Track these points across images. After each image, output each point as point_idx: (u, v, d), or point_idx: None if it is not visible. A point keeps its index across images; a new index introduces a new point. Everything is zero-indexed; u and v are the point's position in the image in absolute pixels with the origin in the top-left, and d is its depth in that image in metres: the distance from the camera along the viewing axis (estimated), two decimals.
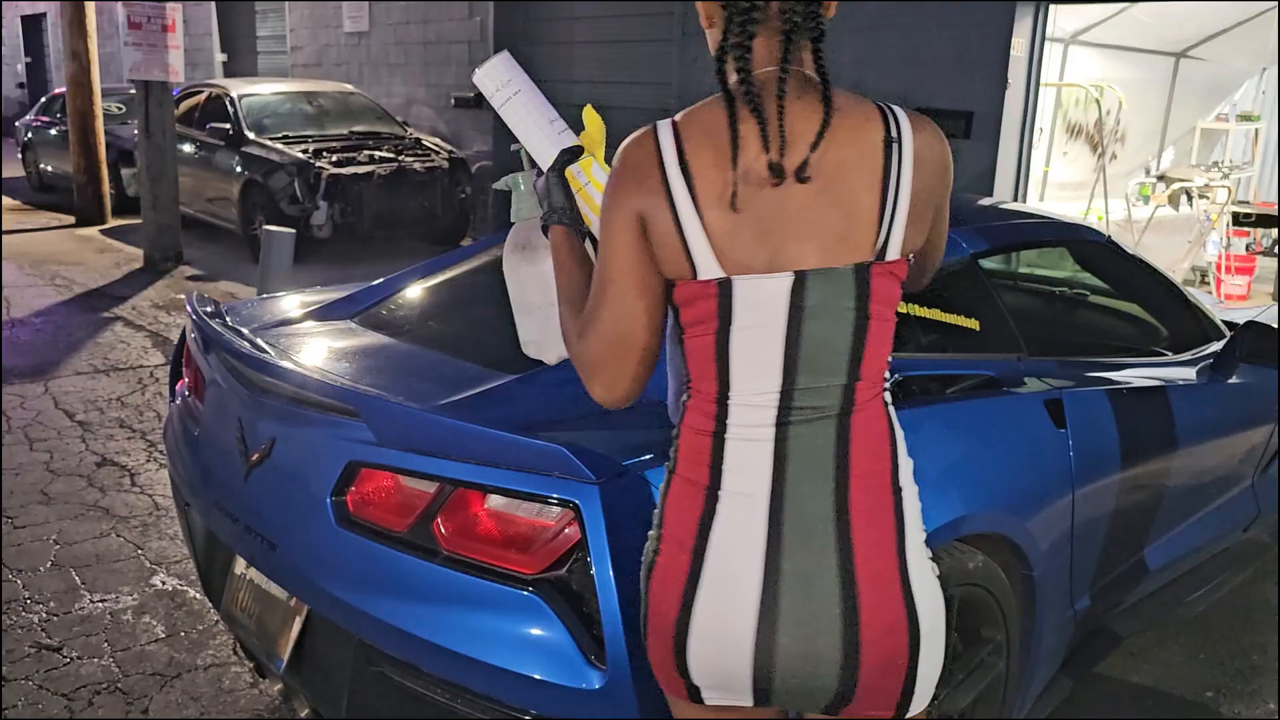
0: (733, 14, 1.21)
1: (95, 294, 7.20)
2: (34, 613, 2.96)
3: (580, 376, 1.28)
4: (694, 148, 1.19)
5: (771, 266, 1.18)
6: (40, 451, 4.20)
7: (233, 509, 2.05)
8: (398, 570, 1.72)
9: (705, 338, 1.23)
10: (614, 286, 1.22)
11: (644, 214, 1.20)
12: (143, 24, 7.92)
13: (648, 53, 7.93)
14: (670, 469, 1.29)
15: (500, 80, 1.44)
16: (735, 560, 1.21)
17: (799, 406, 1.21)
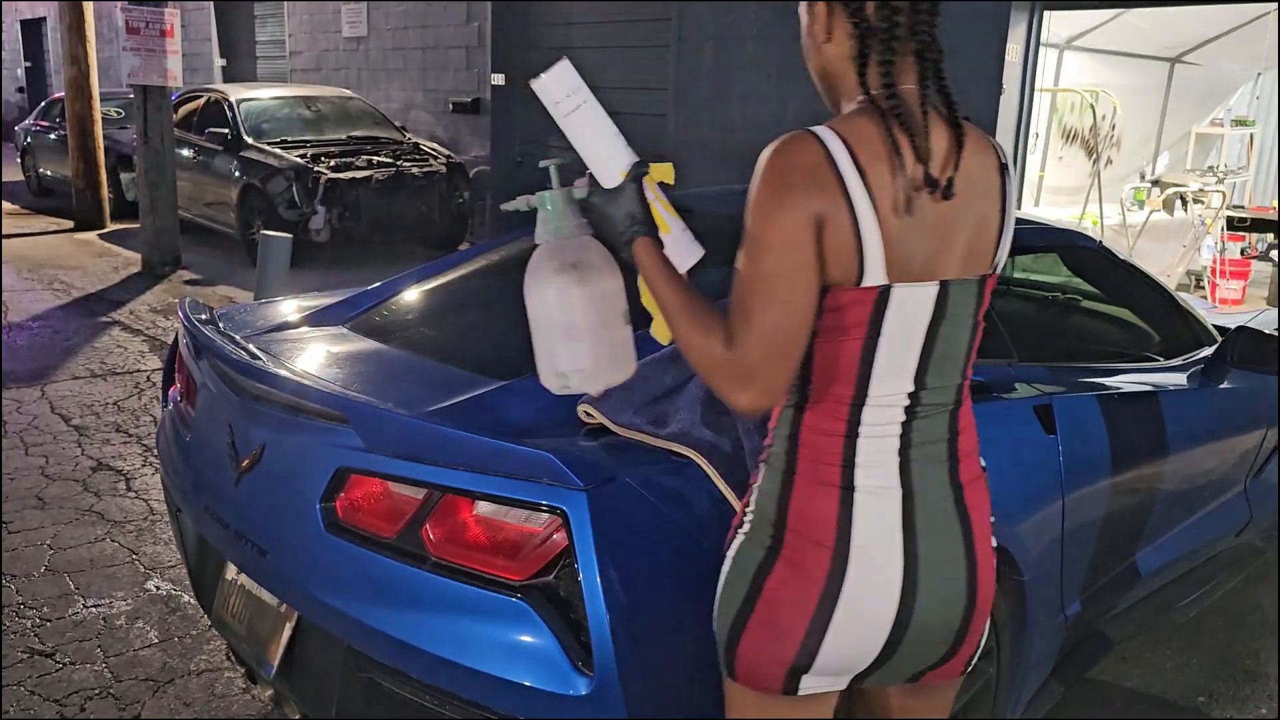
0: (873, 33, 1.26)
1: (93, 298, 7.21)
2: (27, 618, 2.96)
3: (719, 386, 1.23)
4: (866, 155, 1.22)
5: (923, 275, 1.25)
6: (36, 456, 4.21)
7: (223, 515, 2.06)
8: (386, 576, 1.73)
9: (850, 343, 1.26)
10: (784, 287, 1.20)
11: (822, 216, 1.20)
12: (141, 29, 7.94)
13: (644, 58, 7.94)
14: (784, 471, 1.32)
15: (568, 88, 1.35)
16: (878, 551, 1.29)
17: (925, 404, 1.31)
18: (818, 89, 1.43)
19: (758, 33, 6.94)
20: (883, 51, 1.26)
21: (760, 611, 1.32)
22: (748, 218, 1.24)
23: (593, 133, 1.37)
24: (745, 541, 1.35)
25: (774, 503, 1.33)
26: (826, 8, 1.32)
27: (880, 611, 1.30)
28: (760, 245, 1.21)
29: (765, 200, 1.22)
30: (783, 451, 1.33)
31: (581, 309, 1.39)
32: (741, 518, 1.39)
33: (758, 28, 6.94)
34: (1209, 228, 7.59)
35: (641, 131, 8.00)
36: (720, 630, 1.38)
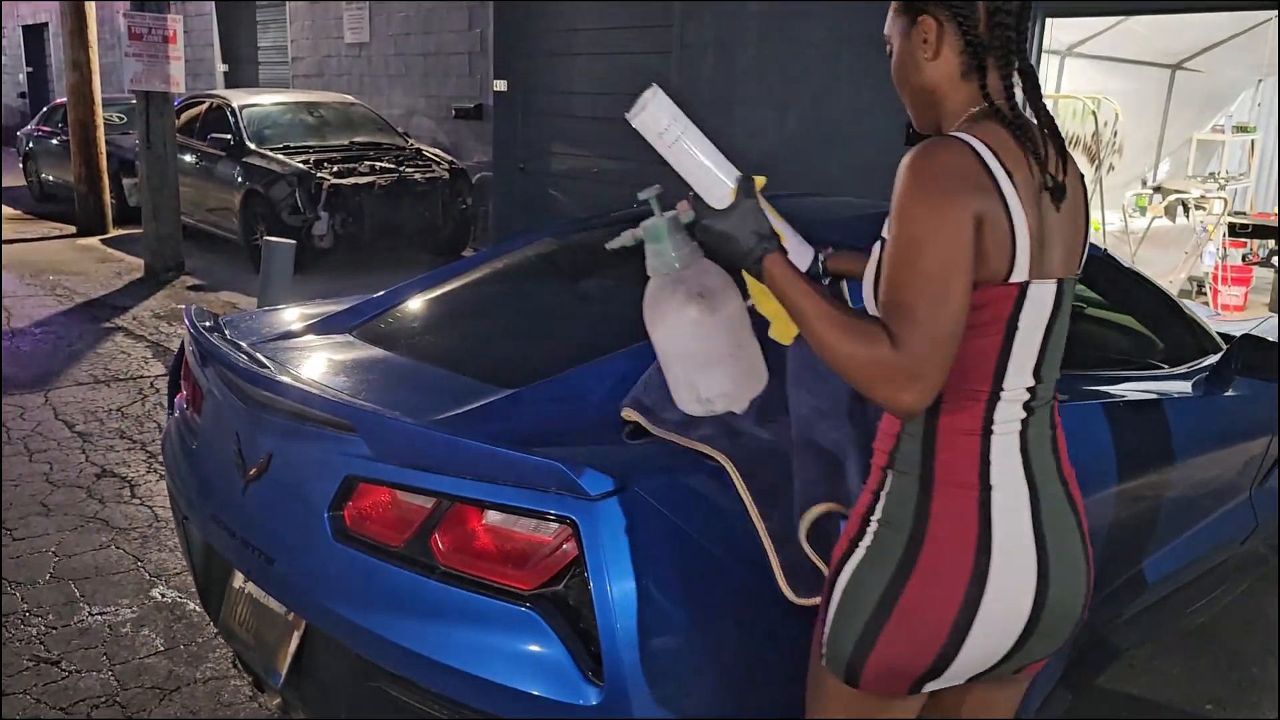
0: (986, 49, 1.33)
1: (96, 304, 7.22)
2: (32, 626, 2.96)
3: (880, 389, 1.22)
4: (1007, 158, 1.28)
5: (1048, 274, 1.32)
6: (40, 463, 4.21)
7: (230, 523, 2.06)
8: (395, 585, 1.73)
9: (990, 339, 1.30)
10: (948, 286, 1.22)
11: (982, 215, 1.24)
12: (144, 35, 7.95)
13: (647, 64, 7.95)
14: (921, 476, 1.33)
15: (669, 116, 1.33)
16: (1017, 549, 1.32)
17: (1039, 398, 1.36)
18: (908, 104, 1.45)
19: (759, 39, 6.95)
20: (1003, 66, 1.34)
21: (897, 622, 1.33)
22: (902, 221, 1.24)
23: (699, 156, 1.34)
24: (871, 551, 1.35)
25: (910, 509, 1.33)
26: (937, 26, 1.36)
27: (1018, 609, 1.33)
28: (923, 245, 1.22)
29: (925, 201, 1.24)
30: (915, 454, 1.34)
31: (716, 335, 1.41)
32: (859, 524, 1.39)
33: (759, 34, 6.96)
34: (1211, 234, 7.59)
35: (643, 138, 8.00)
36: (842, 641, 1.37)
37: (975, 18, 1.33)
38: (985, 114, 1.34)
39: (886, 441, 1.39)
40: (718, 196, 1.35)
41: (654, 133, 1.34)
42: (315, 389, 1.99)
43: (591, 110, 8.60)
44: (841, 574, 1.39)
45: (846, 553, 1.40)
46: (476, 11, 9.29)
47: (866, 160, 6.33)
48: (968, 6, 1.34)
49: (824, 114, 6.60)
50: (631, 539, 1.58)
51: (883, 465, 1.39)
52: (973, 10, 1.34)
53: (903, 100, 1.46)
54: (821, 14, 6.52)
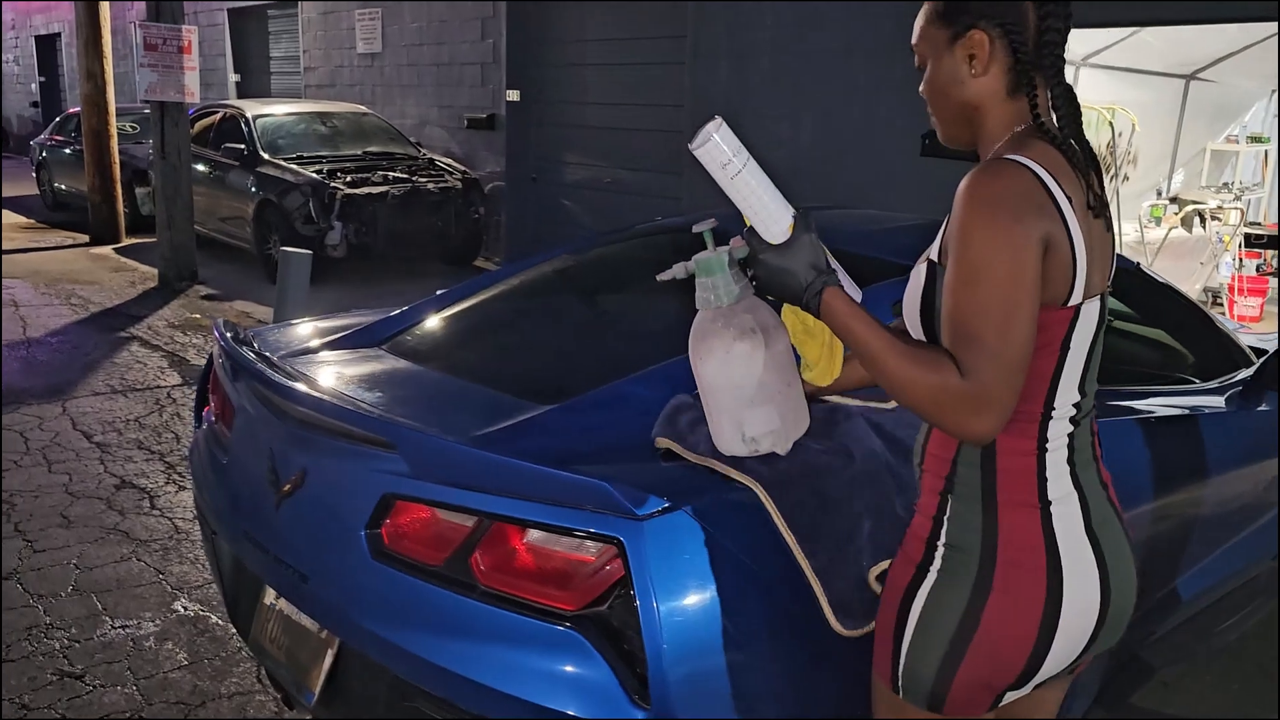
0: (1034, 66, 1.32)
1: (111, 313, 7.22)
2: (55, 639, 2.95)
3: (951, 418, 1.21)
4: (1064, 181, 1.28)
5: (1095, 292, 1.32)
6: (59, 473, 4.20)
7: (263, 539, 2.04)
8: (434, 605, 1.71)
9: (1044, 360, 1.30)
10: (1019, 311, 1.20)
11: (1048, 240, 1.24)
12: (159, 45, 7.97)
13: (659, 75, 7.95)
14: (983, 499, 1.34)
15: (733, 149, 1.30)
16: (1080, 560, 1.34)
17: (1083, 412, 1.38)
18: (940, 119, 1.42)
19: (774, 49, 6.95)
20: (1053, 86, 1.33)
21: (979, 644, 1.34)
22: (966, 246, 1.22)
23: (759, 192, 1.32)
24: (943, 576, 1.35)
25: (976, 533, 1.34)
26: (989, 42, 1.33)
27: (1090, 616, 1.36)
28: (990, 271, 1.21)
29: (989, 226, 1.22)
30: (975, 479, 1.35)
31: (767, 372, 1.40)
32: (924, 550, 1.38)
33: (774, 44, 6.95)
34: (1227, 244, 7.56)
35: (659, 148, 8.01)
36: (923, 668, 1.37)
37: (1026, 34, 1.32)
38: (1030, 134, 1.32)
39: (941, 466, 1.38)
40: (776, 231, 1.33)
41: (717, 164, 1.31)
42: (351, 405, 1.97)
43: (604, 120, 8.60)
44: (915, 600, 1.38)
45: (915, 579, 1.38)
46: (489, 22, 9.30)
47: (882, 171, 6.31)
48: (1019, 23, 1.32)
49: (839, 124, 6.59)
50: (678, 559, 1.56)
51: (940, 490, 1.38)
52: (1024, 26, 1.32)
53: (933, 114, 1.43)
54: (837, 24, 6.51)
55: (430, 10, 9.98)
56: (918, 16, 1.42)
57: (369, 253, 8.24)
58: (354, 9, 11.10)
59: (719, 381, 1.42)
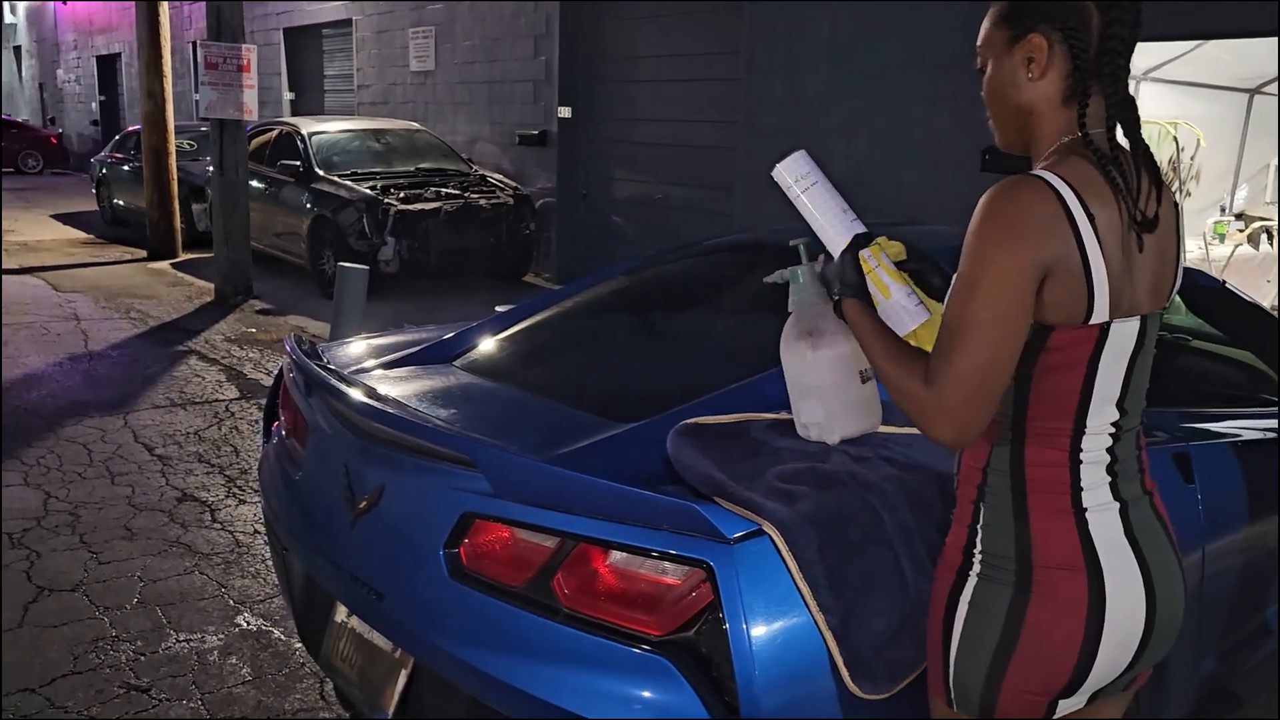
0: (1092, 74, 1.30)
1: (169, 327, 7.33)
2: (122, 651, 2.96)
3: (917, 422, 1.29)
4: (1091, 199, 1.26)
5: (1131, 311, 1.31)
6: (122, 486, 4.24)
7: (337, 557, 2.02)
8: (514, 627, 1.67)
9: (1071, 379, 1.31)
10: (990, 331, 1.23)
11: (1051, 263, 1.24)
12: (219, 64, 8.11)
13: (713, 91, 7.93)
14: (1014, 506, 1.34)
15: (800, 173, 1.52)
16: (1122, 564, 1.33)
17: (1124, 429, 1.37)
18: (996, 123, 1.42)
19: (829, 67, 6.89)
20: (1110, 95, 1.30)
21: (1024, 650, 1.33)
22: (965, 259, 1.26)
23: (823, 211, 1.50)
24: (983, 583, 1.36)
25: (1010, 539, 1.35)
26: (1048, 46, 1.32)
27: (1135, 621, 1.34)
28: (976, 288, 1.24)
29: (988, 244, 1.24)
30: (1005, 487, 1.35)
31: (816, 370, 1.59)
32: (962, 558, 1.39)
33: (828, 61, 6.90)
34: None
35: (711, 164, 7.98)
36: (970, 675, 1.38)
37: (1088, 40, 1.30)
38: (1076, 145, 1.30)
39: (974, 475, 1.40)
40: (834, 249, 1.51)
41: (787, 182, 1.53)
42: (430, 422, 1.95)
43: (656, 137, 8.60)
44: (958, 609, 1.38)
45: (956, 588, 1.39)
46: (542, 40, 9.35)
47: (942, 186, 6.22)
48: (1081, 28, 1.30)
49: (898, 139, 6.51)
50: (770, 584, 1.51)
51: (972, 499, 1.40)
52: (1086, 32, 1.30)
53: (990, 118, 1.44)
54: (896, 37, 6.45)
55: (484, 28, 10.07)
56: (984, 19, 1.42)
57: (421, 268, 8.29)
58: (408, 27, 11.24)
59: (787, 371, 1.65)
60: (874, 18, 6.55)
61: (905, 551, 1.60)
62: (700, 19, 8.05)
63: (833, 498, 1.60)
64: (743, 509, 1.58)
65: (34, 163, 20.77)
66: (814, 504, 1.58)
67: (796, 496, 1.60)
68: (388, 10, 11.59)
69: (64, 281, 8.99)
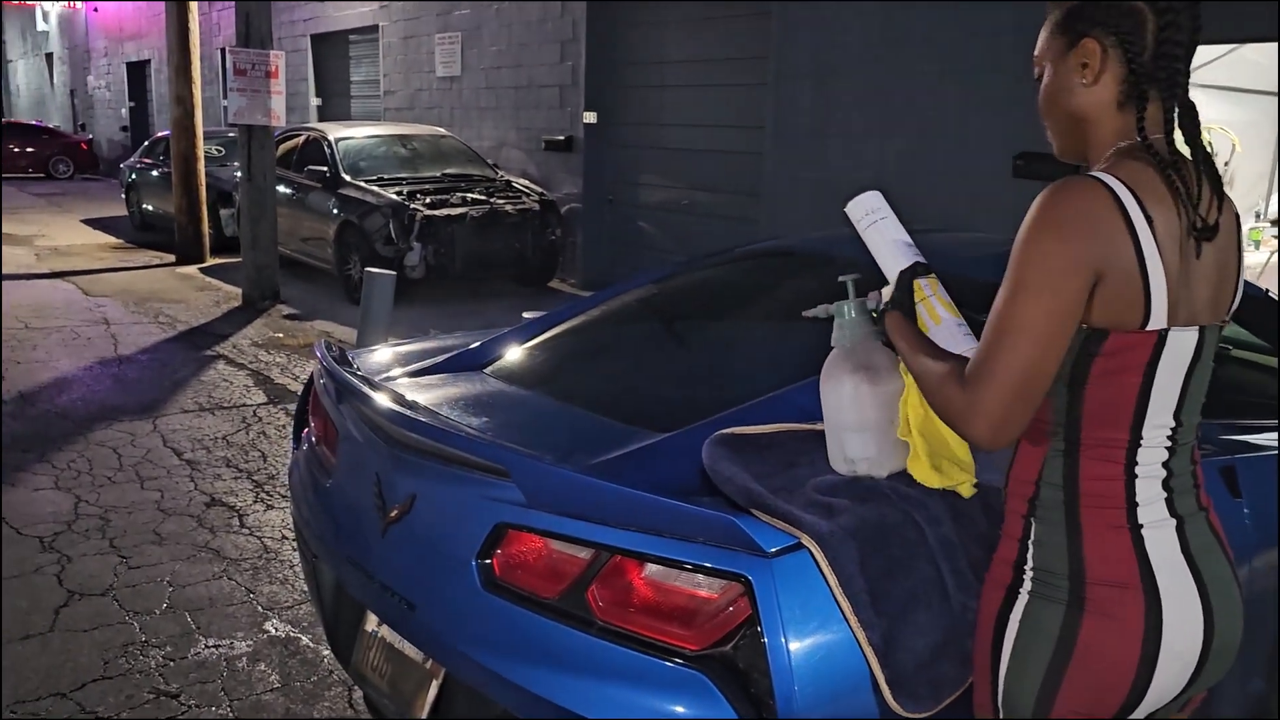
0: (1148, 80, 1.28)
1: (197, 331, 7.37)
2: (151, 657, 2.96)
3: (953, 424, 1.28)
4: (1150, 202, 1.23)
5: (1190, 320, 1.28)
6: (151, 490, 4.26)
7: (368, 566, 2.00)
8: (548, 639, 1.65)
9: (1127, 386, 1.28)
10: (1034, 332, 1.21)
11: (1104, 265, 1.21)
12: (248, 70, 8.16)
13: (741, 96, 7.90)
14: (1067, 521, 1.31)
15: (870, 208, 1.56)
16: (1178, 581, 1.30)
17: (1180, 442, 1.33)
18: (1052, 129, 1.41)
19: (858, 71, 6.85)
20: (1166, 100, 1.29)
21: (1078, 670, 1.30)
22: (1014, 258, 1.24)
23: (887, 242, 1.53)
24: (1035, 600, 1.33)
25: (1062, 555, 1.31)
26: (1100, 51, 1.31)
27: (1193, 642, 1.31)
28: (1023, 288, 1.22)
29: (1038, 243, 1.22)
30: (1058, 501, 1.32)
31: (873, 405, 1.58)
32: (1013, 574, 1.36)
33: (858, 66, 6.86)
34: None
35: (738, 170, 7.95)
36: (1021, 696, 1.35)
37: (1142, 44, 1.28)
38: (1135, 149, 1.29)
39: (1025, 489, 1.36)
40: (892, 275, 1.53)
41: (856, 216, 1.56)
42: (462, 431, 1.93)
43: (682, 142, 8.58)
44: (1008, 626, 1.35)
45: (1006, 604, 1.36)
46: (569, 45, 9.36)
47: (973, 193, 6.16)
48: (1135, 32, 1.28)
49: (928, 146, 6.45)
50: (809, 598, 1.48)
51: (1023, 513, 1.36)
52: (1140, 36, 1.28)
53: (1046, 125, 1.42)
54: (927, 43, 6.40)
55: (510, 33, 10.09)
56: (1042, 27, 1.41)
57: (447, 273, 8.31)
58: (434, 33, 11.28)
59: (831, 405, 1.63)
60: (905, 22, 6.51)
61: (948, 566, 1.56)
62: (728, 23, 8.02)
63: (873, 511, 1.57)
64: (781, 522, 1.55)
65: (65, 168, 21.04)
66: (854, 517, 1.55)
67: (836, 509, 1.56)
68: (414, 16, 11.64)
69: (94, 286, 9.07)
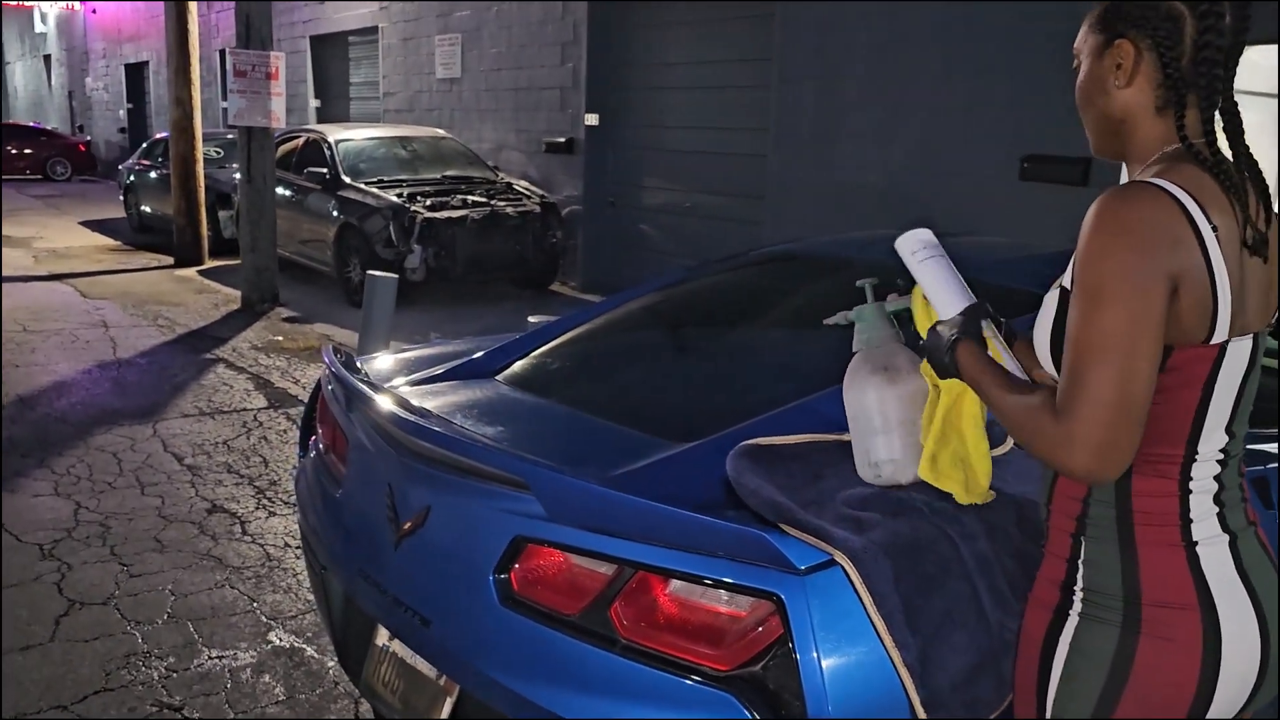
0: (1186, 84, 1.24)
1: (196, 335, 7.31)
2: (154, 668, 2.90)
3: (1054, 461, 1.19)
4: (1213, 210, 1.19)
5: (1244, 330, 1.24)
6: (152, 496, 4.20)
7: (380, 579, 1.95)
8: (569, 657, 1.60)
9: (1185, 401, 1.24)
10: (1125, 345, 1.16)
11: (1180, 275, 1.17)
12: (247, 72, 8.11)
13: (744, 98, 7.85)
14: (1120, 540, 1.27)
15: (923, 244, 1.50)
16: (1234, 600, 1.26)
17: (1231, 454, 1.29)
18: (1089, 127, 1.37)
19: (863, 73, 6.81)
20: (1205, 108, 1.24)
21: (1134, 694, 1.26)
22: (1087, 272, 1.18)
23: (938, 279, 1.48)
24: (1086, 622, 1.28)
25: (1116, 576, 1.27)
26: (1134, 53, 1.26)
27: (1251, 660, 1.27)
28: (1107, 305, 1.16)
29: (1114, 252, 1.16)
30: (1109, 519, 1.28)
31: (895, 406, 1.57)
32: (1060, 595, 1.31)
33: (862, 68, 6.81)
34: None
35: (741, 172, 7.90)
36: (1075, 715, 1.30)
37: (1180, 48, 1.24)
38: (1183, 155, 1.25)
39: (1072, 506, 1.31)
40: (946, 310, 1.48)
41: (906, 251, 1.50)
42: (479, 440, 1.88)
43: (684, 144, 8.53)
44: (1057, 649, 1.30)
45: (1054, 625, 1.31)
46: (569, 46, 9.31)
47: (980, 195, 6.12)
48: (1173, 36, 1.24)
49: (933, 147, 6.41)
50: (842, 617, 1.43)
51: (1071, 531, 1.31)
52: (1178, 40, 1.24)
53: (1083, 121, 1.38)
54: (933, 43, 6.35)
55: (511, 35, 10.04)
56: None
57: (448, 276, 8.25)
58: (434, 35, 11.23)
59: (854, 411, 1.62)
60: (909, 22, 6.46)
61: (984, 583, 1.51)
62: (731, 24, 7.98)
63: (906, 525, 1.52)
64: (812, 537, 1.50)
65: (62, 169, 20.96)
66: (887, 532, 1.50)
67: (867, 524, 1.51)
68: (414, 17, 11.59)
69: (92, 288, 9.01)
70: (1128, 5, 1.27)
